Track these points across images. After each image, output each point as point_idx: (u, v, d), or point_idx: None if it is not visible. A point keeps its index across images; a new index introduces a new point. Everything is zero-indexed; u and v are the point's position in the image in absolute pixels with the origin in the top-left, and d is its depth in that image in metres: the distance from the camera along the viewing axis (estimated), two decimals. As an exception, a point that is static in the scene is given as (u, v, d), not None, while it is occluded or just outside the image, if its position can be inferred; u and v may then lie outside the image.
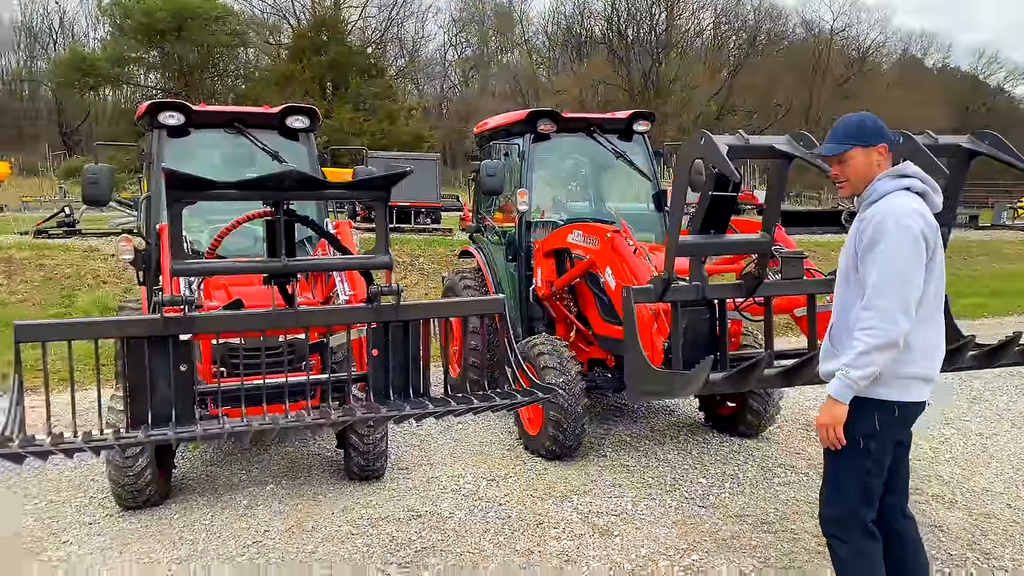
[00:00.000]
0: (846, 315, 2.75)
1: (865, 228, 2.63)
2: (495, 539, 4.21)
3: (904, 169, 2.73)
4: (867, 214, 2.67)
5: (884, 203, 2.66)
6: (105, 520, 4.49)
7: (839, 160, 2.78)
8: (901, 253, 2.56)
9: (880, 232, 2.58)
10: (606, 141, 6.63)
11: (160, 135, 5.63)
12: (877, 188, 2.71)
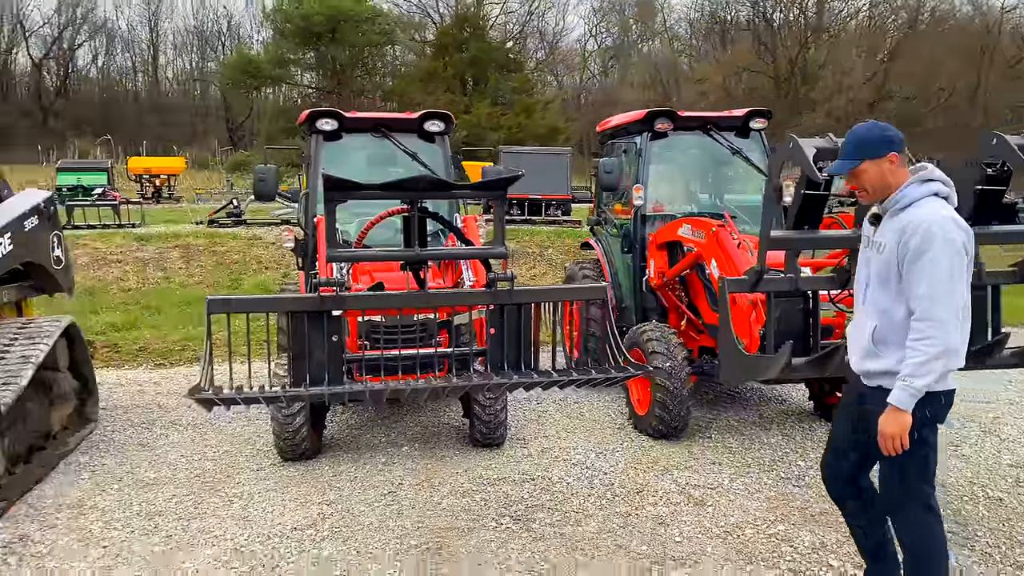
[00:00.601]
0: (889, 317, 2.92)
1: (909, 238, 2.80)
2: (598, 502, 4.70)
3: (930, 174, 2.92)
4: (907, 223, 2.83)
5: (921, 211, 2.85)
6: (269, 468, 5.32)
7: (855, 174, 2.99)
8: (949, 265, 2.75)
9: (927, 243, 2.76)
10: (722, 138, 6.90)
11: (318, 139, 6.47)
12: (907, 194, 2.91)
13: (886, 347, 2.93)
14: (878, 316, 2.97)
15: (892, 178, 2.94)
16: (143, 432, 6.18)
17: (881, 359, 2.94)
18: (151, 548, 4.13)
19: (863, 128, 3.00)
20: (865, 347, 3.00)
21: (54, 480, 5.15)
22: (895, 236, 2.88)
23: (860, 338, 3.04)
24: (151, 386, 7.71)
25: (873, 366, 2.98)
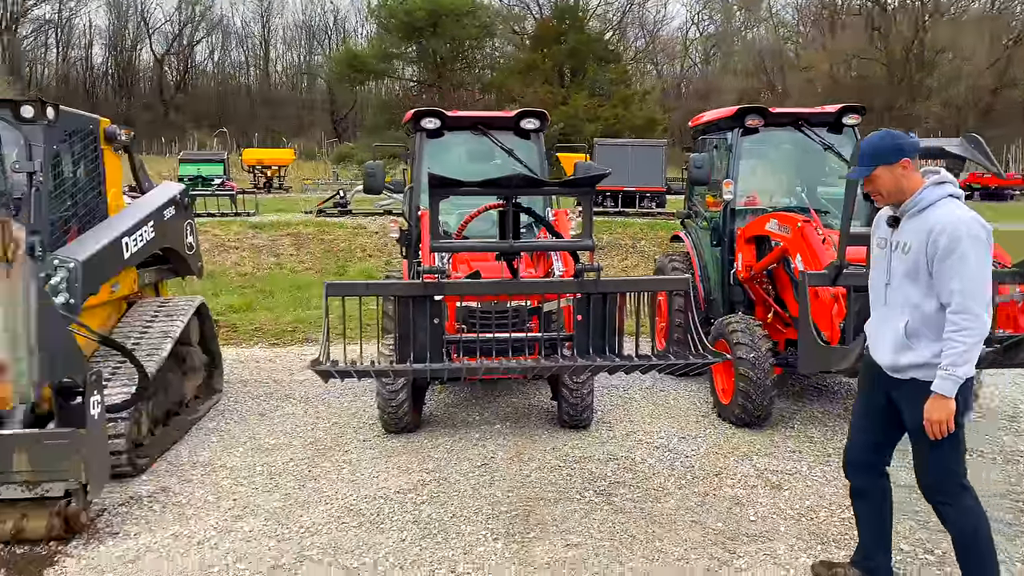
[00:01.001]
0: (921, 312, 3.09)
1: (937, 237, 2.98)
2: (678, 482, 4.96)
3: (943, 177, 3.10)
4: (934, 224, 3.02)
5: (943, 211, 3.04)
6: (374, 439, 5.83)
7: (870, 181, 3.17)
8: (978, 261, 2.95)
9: (956, 241, 2.96)
10: (814, 134, 6.97)
11: (421, 136, 6.93)
12: (925, 196, 3.09)
13: (919, 340, 3.11)
14: (910, 312, 3.14)
15: (906, 183, 3.13)
16: (261, 403, 6.82)
17: (914, 351, 3.12)
18: (273, 503, 4.67)
19: (876, 137, 3.19)
20: (898, 341, 3.16)
21: (187, 442, 5.81)
22: (921, 236, 3.06)
23: (890, 333, 3.20)
24: (267, 363, 8.41)
25: (906, 360, 3.15)
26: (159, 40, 74.89)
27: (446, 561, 3.94)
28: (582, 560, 3.94)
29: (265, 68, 78.74)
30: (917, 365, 3.13)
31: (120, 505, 4.65)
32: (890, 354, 3.23)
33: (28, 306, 3.65)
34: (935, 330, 3.07)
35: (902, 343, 3.16)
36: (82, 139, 5.96)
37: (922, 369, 3.11)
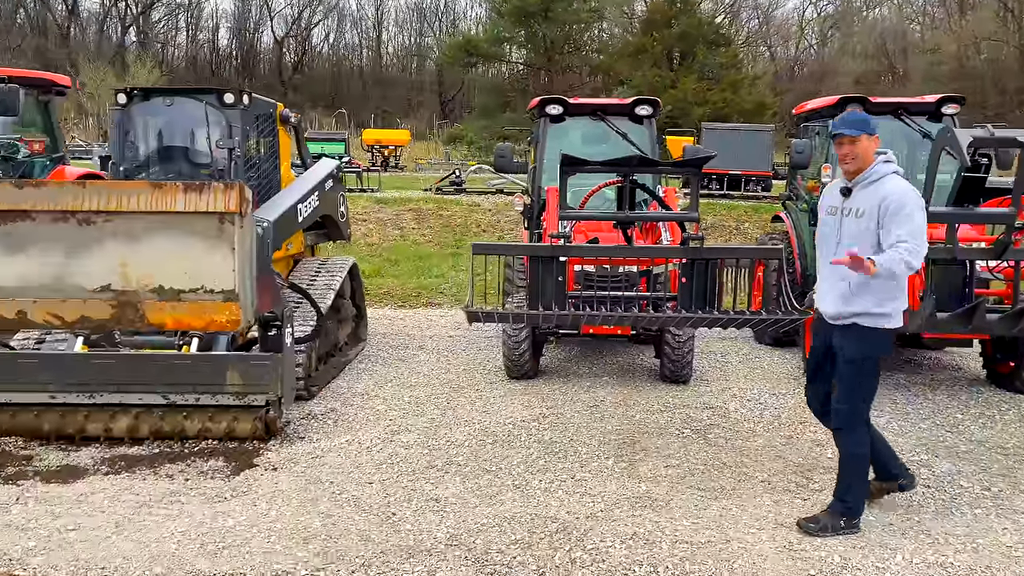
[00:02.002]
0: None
1: (890, 203, 3.68)
2: (766, 427, 5.69)
3: (890, 157, 3.80)
4: (887, 192, 3.72)
5: (892, 184, 3.75)
6: (499, 382, 6.78)
7: (851, 141, 3.76)
8: (920, 221, 3.69)
9: (904, 205, 3.67)
10: (913, 123, 7.41)
11: (545, 122, 7.78)
12: (877, 170, 3.79)
13: (862, 293, 3.78)
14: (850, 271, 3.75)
15: (869, 154, 3.80)
16: (400, 351, 7.89)
17: (857, 301, 3.81)
18: (421, 424, 5.68)
19: (859, 112, 3.91)
20: (845, 293, 3.83)
21: (344, 378, 6.91)
22: (874, 202, 3.74)
23: (838, 286, 3.87)
24: (399, 321, 9.52)
25: (849, 308, 3.84)
26: (279, 23, 78.28)
27: (566, 471, 4.83)
28: (680, 477, 4.75)
29: (377, 50, 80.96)
30: (858, 313, 3.83)
31: (301, 419, 5.76)
32: (836, 305, 3.91)
33: (252, 251, 4.73)
34: (875, 286, 3.75)
35: (848, 295, 3.83)
36: (265, 121, 7.12)
37: (862, 316, 3.82)
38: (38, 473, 4.79)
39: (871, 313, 3.81)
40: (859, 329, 3.84)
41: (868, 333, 3.85)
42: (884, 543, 3.95)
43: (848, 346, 3.90)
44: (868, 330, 3.84)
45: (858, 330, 3.85)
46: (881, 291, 3.78)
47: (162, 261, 4.54)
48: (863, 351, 3.89)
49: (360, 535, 3.99)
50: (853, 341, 3.87)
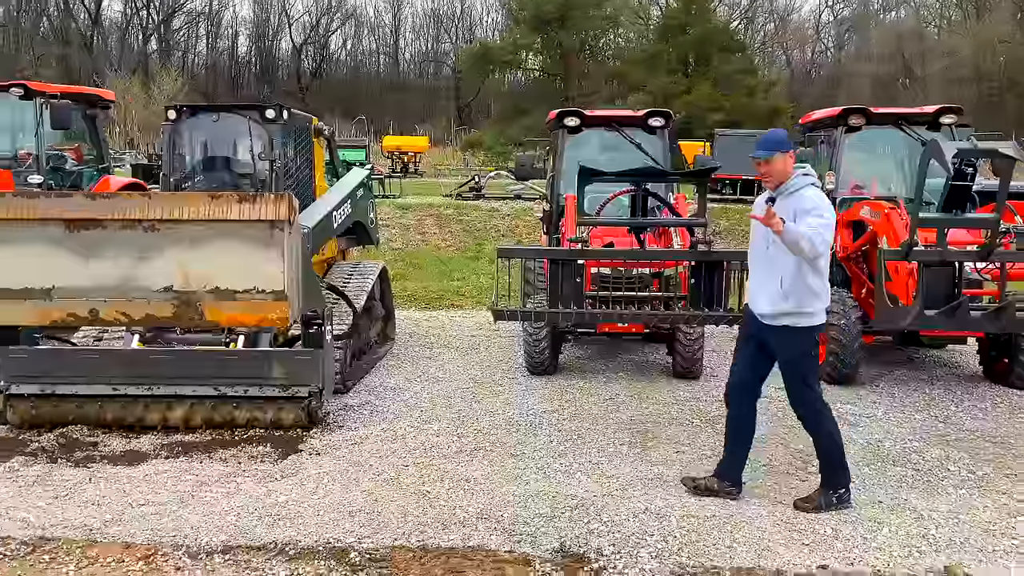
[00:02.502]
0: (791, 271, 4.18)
1: (801, 205, 4.14)
2: (770, 418, 6.06)
3: (808, 170, 4.27)
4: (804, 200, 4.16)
5: (810, 194, 4.21)
6: (521, 378, 7.23)
7: (767, 162, 4.21)
8: (829, 221, 4.14)
9: (819, 207, 4.14)
10: (913, 132, 7.79)
11: (563, 133, 8.24)
12: (795, 182, 4.24)
13: (791, 293, 4.22)
14: (782, 271, 4.22)
15: (788, 169, 4.24)
16: (426, 350, 8.36)
17: (787, 302, 4.23)
18: (450, 415, 6.14)
19: (776, 131, 4.41)
20: (775, 294, 4.26)
21: (375, 374, 7.39)
22: (793, 208, 4.16)
23: (769, 287, 4.30)
24: (424, 322, 10.00)
25: (779, 309, 4.27)
26: (298, 30, 79.24)
27: (584, 455, 5.28)
28: (689, 461, 5.19)
29: (394, 56, 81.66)
30: (787, 313, 4.26)
31: (339, 410, 6.24)
32: (768, 305, 4.33)
33: (299, 255, 5.22)
34: (801, 288, 4.20)
35: (778, 296, 4.26)
36: (302, 134, 7.64)
37: (791, 316, 4.26)
38: (105, 457, 5.29)
39: (798, 313, 4.26)
40: (790, 330, 4.31)
41: (798, 332, 4.33)
42: (872, 518, 4.37)
43: (783, 348, 4.39)
44: (797, 330, 4.32)
45: (789, 331, 4.31)
46: (806, 293, 4.24)
47: (218, 264, 5.03)
48: (796, 350, 4.38)
49: (399, 510, 4.45)
50: (786, 343, 4.36)
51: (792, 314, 4.28)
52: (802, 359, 4.40)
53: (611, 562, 3.85)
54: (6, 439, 5.59)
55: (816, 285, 4.26)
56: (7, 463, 5.14)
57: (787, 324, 4.31)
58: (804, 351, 4.39)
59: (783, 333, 4.34)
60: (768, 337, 4.43)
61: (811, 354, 4.41)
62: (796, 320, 4.29)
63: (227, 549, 3.98)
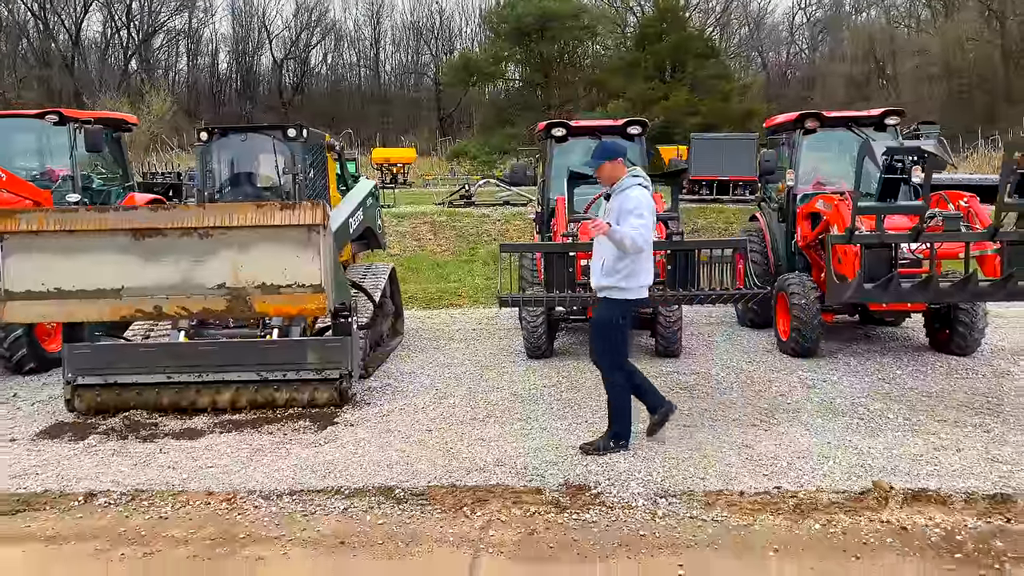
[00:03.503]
0: (612, 255, 5.12)
1: (624, 205, 5.09)
2: (740, 385, 7.02)
3: (636, 171, 5.23)
4: (627, 198, 5.10)
5: (633, 191, 5.13)
6: (520, 361, 8.12)
7: (599, 168, 5.28)
8: (648, 219, 5.08)
9: (639, 207, 5.05)
10: (861, 133, 8.77)
11: (551, 142, 9.17)
12: (624, 183, 5.20)
13: (613, 272, 5.18)
14: (606, 254, 5.20)
15: (617, 173, 5.23)
16: (433, 342, 9.24)
17: (610, 279, 5.22)
18: (461, 391, 7.02)
19: (608, 142, 5.43)
20: (601, 271, 5.25)
21: (390, 363, 8.25)
22: (617, 204, 5.15)
23: (598, 267, 5.30)
24: (427, 319, 10.88)
25: (605, 283, 5.25)
26: (278, 45, 79.78)
27: (581, 417, 6.18)
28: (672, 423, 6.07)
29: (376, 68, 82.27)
30: (607, 287, 5.24)
31: (364, 391, 7.11)
32: (597, 280, 5.33)
33: (332, 254, 6.09)
34: (620, 268, 5.16)
35: (603, 273, 5.24)
36: (317, 150, 8.52)
37: (609, 290, 5.24)
38: (167, 434, 6.13)
39: (617, 287, 5.22)
40: (607, 300, 5.30)
41: (613, 303, 5.29)
42: (821, 454, 5.28)
43: (598, 312, 5.39)
44: (613, 301, 5.28)
45: (606, 301, 5.30)
46: (624, 272, 5.18)
47: (264, 263, 5.90)
48: (607, 316, 5.33)
49: (429, 461, 5.33)
50: (602, 308, 5.35)
51: (611, 288, 5.25)
52: (611, 323, 5.33)
53: (607, 490, 4.75)
54: (77, 424, 6.42)
55: (627, 268, 5.18)
56: (84, 441, 5.97)
57: (606, 296, 5.31)
58: (614, 317, 5.31)
59: (602, 301, 5.35)
60: (599, 304, 5.44)
61: (619, 322, 5.32)
62: (612, 293, 5.27)
63: (292, 492, 4.85)
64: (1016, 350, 8.13)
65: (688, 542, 4.10)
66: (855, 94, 63.68)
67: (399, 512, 4.55)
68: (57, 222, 5.90)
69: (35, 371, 8.02)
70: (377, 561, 3.99)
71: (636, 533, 4.23)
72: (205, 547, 4.18)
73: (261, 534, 4.32)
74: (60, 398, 6.91)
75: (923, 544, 4.03)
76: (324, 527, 4.39)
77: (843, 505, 4.47)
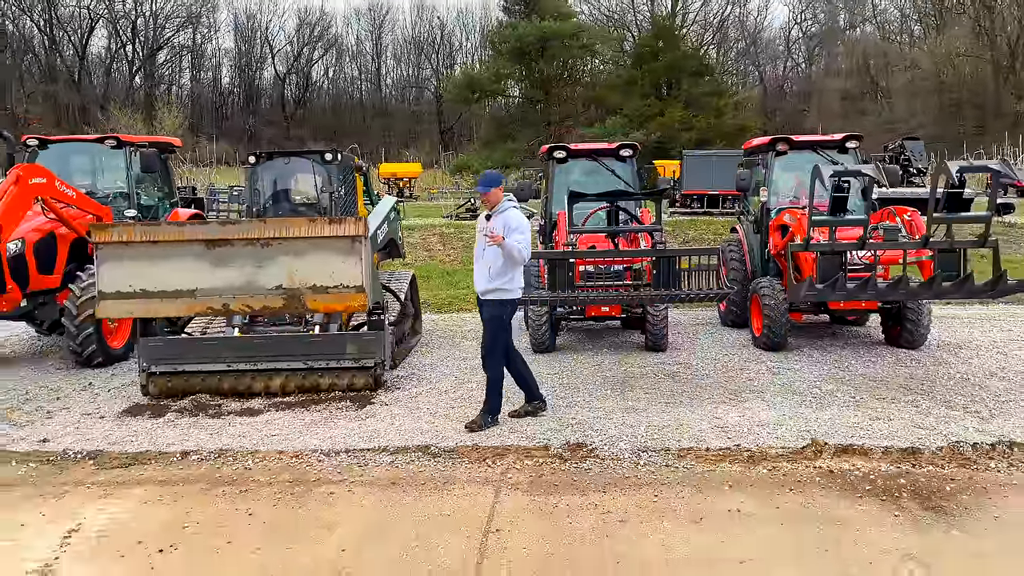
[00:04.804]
0: (497, 264, 6.27)
1: (509, 223, 6.27)
2: (716, 372, 8.18)
3: (510, 196, 6.51)
4: (509, 218, 6.30)
5: (511, 212, 6.37)
6: (528, 355, 9.20)
7: (486, 194, 6.47)
8: (528, 235, 6.30)
9: (521, 226, 6.28)
10: (825, 155, 9.98)
11: (552, 163, 10.38)
12: (502, 205, 6.41)
13: (498, 278, 6.36)
14: (492, 263, 6.34)
15: (498, 197, 6.43)
16: (448, 340, 10.41)
17: (494, 283, 6.38)
18: (477, 379, 8.14)
19: (491, 173, 6.66)
20: (487, 278, 6.39)
21: (413, 357, 9.42)
22: (502, 223, 6.31)
23: (484, 275, 6.43)
24: (440, 321, 12.05)
25: (490, 287, 6.41)
26: (280, 60, 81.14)
27: (580, 398, 7.35)
28: (654, 398, 7.26)
29: (377, 83, 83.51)
30: (493, 290, 6.41)
31: (393, 379, 8.27)
32: (484, 285, 6.47)
33: (371, 260, 7.27)
34: (502, 275, 6.34)
35: (489, 279, 6.41)
36: (348, 170, 9.72)
37: (496, 292, 6.41)
38: (230, 413, 7.28)
39: (500, 289, 6.40)
40: (492, 302, 6.47)
41: (497, 304, 6.46)
42: (776, 423, 6.45)
43: (486, 311, 6.54)
44: (497, 302, 6.45)
45: (492, 302, 6.47)
46: (504, 278, 6.36)
47: (315, 268, 7.07)
48: (494, 313, 6.50)
49: (455, 430, 6.50)
50: (489, 308, 6.50)
51: (496, 290, 6.42)
52: (497, 321, 6.48)
53: (600, 448, 5.92)
54: (152, 405, 7.57)
55: (509, 274, 6.37)
56: (163, 418, 7.13)
57: (491, 298, 6.47)
58: (498, 316, 6.47)
59: (489, 303, 6.50)
60: (481, 306, 6.61)
61: (503, 319, 6.48)
62: (497, 295, 6.43)
63: (347, 451, 6.03)
64: (958, 344, 9.32)
65: (663, 481, 5.28)
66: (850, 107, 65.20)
67: (435, 463, 5.73)
68: (143, 234, 7.09)
69: (102, 364, 9.15)
70: (422, 494, 5.15)
71: (623, 476, 5.40)
72: (286, 487, 5.34)
73: (328, 478, 5.49)
74: (131, 385, 8.10)
75: (844, 482, 5.20)
76: (377, 474, 5.56)
77: (786, 456, 5.65)
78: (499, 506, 4.92)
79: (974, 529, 4.51)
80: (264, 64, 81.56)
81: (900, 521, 4.60)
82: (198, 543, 4.52)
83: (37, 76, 68.92)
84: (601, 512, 4.80)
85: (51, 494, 5.31)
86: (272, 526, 4.73)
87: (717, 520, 4.66)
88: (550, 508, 4.88)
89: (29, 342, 10.84)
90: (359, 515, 4.87)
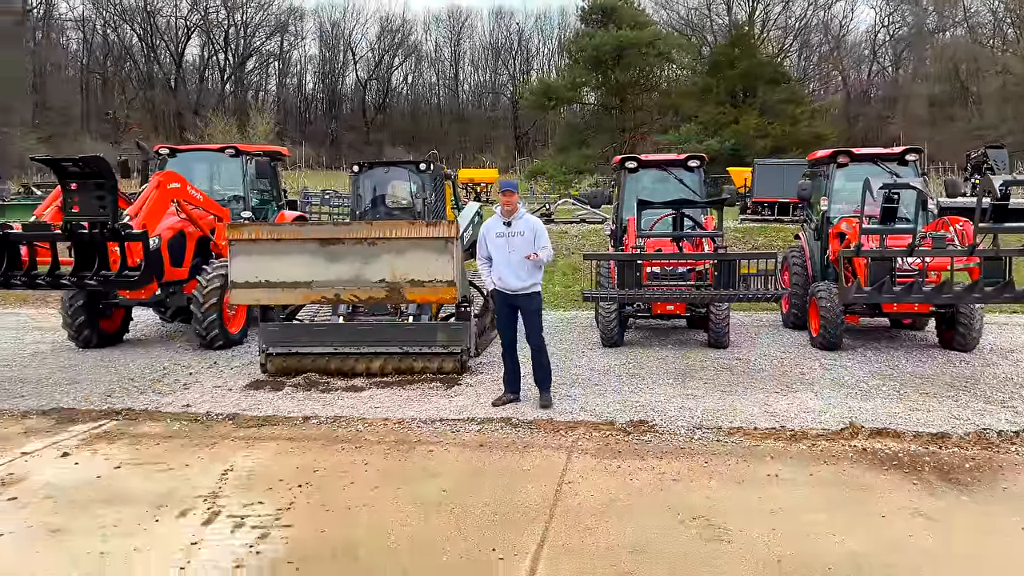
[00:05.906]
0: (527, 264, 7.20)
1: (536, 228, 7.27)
2: (772, 367, 8.91)
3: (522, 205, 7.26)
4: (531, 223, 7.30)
5: (531, 218, 7.42)
6: (598, 349, 10.15)
7: (509, 195, 7.27)
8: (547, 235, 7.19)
9: (541, 229, 7.29)
10: (885, 167, 10.55)
11: (624, 172, 11.24)
12: (521, 211, 7.32)
13: (530, 277, 7.25)
14: (523, 264, 7.21)
15: (516, 202, 7.24)
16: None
17: (529, 281, 7.25)
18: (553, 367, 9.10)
19: (509, 181, 7.50)
20: (523, 276, 7.25)
21: (493, 347, 10.40)
22: (527, 226, 7.21)
23: (519, 273, 7.27)
24: (518, 317, 13.02)
25: (526, 284, 7.25)
26: (362, 66, 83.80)
27: (644, 385, 8.20)
28: (711, 387, 8.05)
29: (455, 88, 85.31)
30: (531, 285, 7.28)
31: (477, 365, 9.27)
32: (518, 283, 7.27)
33: (460, 259, 8.29)
34: (533, 275, 7.24)
35: (525, 278, 7.25)
36: (439, 179, 10.81)
37: (533, 287, 7.30)
38: (337, 389, 8.39)
39: (534, 284, 7.33)
40: (533, 295, 7.37)
41: (536, 296, 7.39)
42: (821, 411, 7.17)
43: (530, 304, 7.39)
44: (536, 294, 7.38)
45: (533, 296, 7.37)
46: (535, 277, 7.34)
47: (413, 264, 8.12)
48: (538, 304, 7.42)
49: (532, 408, 7.44)
50: (533, 302, 7.39)
51: (532, 285, 7.32)
52: (540, 309, 7.49)
53: (659, 424, 6.78)
54: (270, 381, 8.74)
55: (539, 273, 7.39)
56: (282, 391, 8.29)
57: (531, 292, 7.34)
58: (539, 306, 7.47)
59: (530, 297, 7.38)
60: (517, 302, 7.42)
61: (540, 310, 7.49)
62: (535, 288, 7.38)
63: (441, 420, 7.05)
64: (1010, 348, 9.78)
65: (713, 452, 6.11)
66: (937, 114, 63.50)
67: (516, 431, 6.70)
68: (268, 233, 8.28)
69: (222, 347, 10.44)
70: (507, 454, 6.12)
71: (678, 447, 6.25)
72: (393, 445, 6.39)
73: (427, 440, 6.52)
74: (250, 364, 9.33)
75: (874, 458, 5.93)
76: (468, 438, 6.56)
77: (826, 436, 6.40)
78: (571, 465, 5.85)
79: (982, 497, 5.20)
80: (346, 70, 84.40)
81: (918, 488, 5.33)
82: (327, 482, 5.59)
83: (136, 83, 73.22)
84: (657, 473, 5.67)
85: (204, 444, 6.49)
86: (385, 472, 5.77)
87: (757, 482, 5.48)
88: (614, 468, 5.78)
89: (155, 327, 12.29)
90: (455, 467, 5.87)
